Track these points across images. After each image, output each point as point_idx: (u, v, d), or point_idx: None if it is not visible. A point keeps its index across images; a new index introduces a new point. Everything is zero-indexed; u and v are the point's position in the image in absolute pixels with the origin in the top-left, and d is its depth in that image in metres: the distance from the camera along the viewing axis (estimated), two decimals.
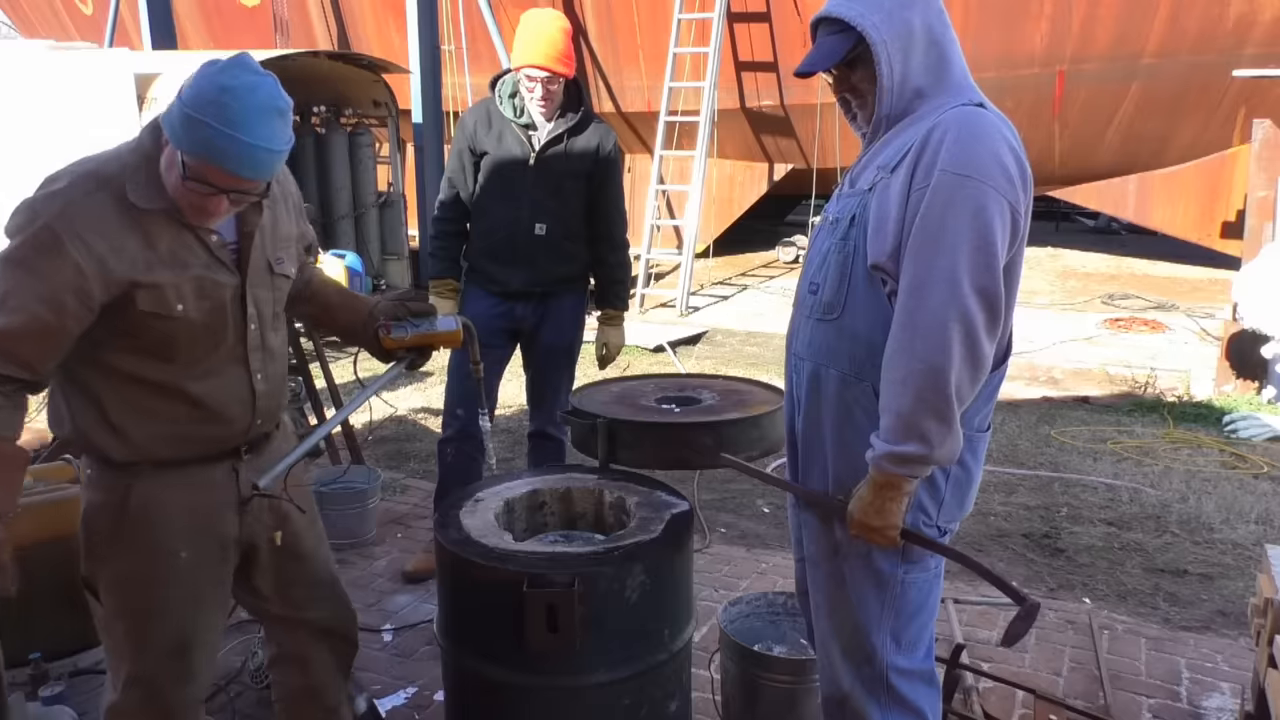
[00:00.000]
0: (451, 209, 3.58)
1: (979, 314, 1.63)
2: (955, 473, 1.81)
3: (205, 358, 1.87)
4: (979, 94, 1.78)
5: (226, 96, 1.64)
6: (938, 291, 1.63)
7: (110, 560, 1.89)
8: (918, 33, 1.75)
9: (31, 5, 14.94)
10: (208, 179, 1.69)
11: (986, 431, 1.88)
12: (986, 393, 1.80)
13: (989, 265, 1.63)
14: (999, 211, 1.64)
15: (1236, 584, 3.73)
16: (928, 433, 1.64)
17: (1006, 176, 1.65)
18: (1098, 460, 5.10)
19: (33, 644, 2.39)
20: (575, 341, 3.69)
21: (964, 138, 1.66)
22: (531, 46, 3.28)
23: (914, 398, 1.64)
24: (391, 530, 4.21)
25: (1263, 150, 6.62)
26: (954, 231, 1.63)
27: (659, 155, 9.79)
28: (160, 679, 1.92)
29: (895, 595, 1.85)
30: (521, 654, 2.03)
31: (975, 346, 1.64)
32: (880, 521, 1.73)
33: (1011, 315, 1.76)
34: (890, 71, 1.76)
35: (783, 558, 3.95)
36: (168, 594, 1.91)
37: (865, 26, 1.74)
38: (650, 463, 2.61)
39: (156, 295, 1.77)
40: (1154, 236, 10.96)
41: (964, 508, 1.88)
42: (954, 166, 1.65)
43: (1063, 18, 8.79)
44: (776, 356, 7.58)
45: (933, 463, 1.69)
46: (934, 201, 1.65)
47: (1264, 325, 5.85)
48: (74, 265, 1.68)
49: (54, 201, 1.71)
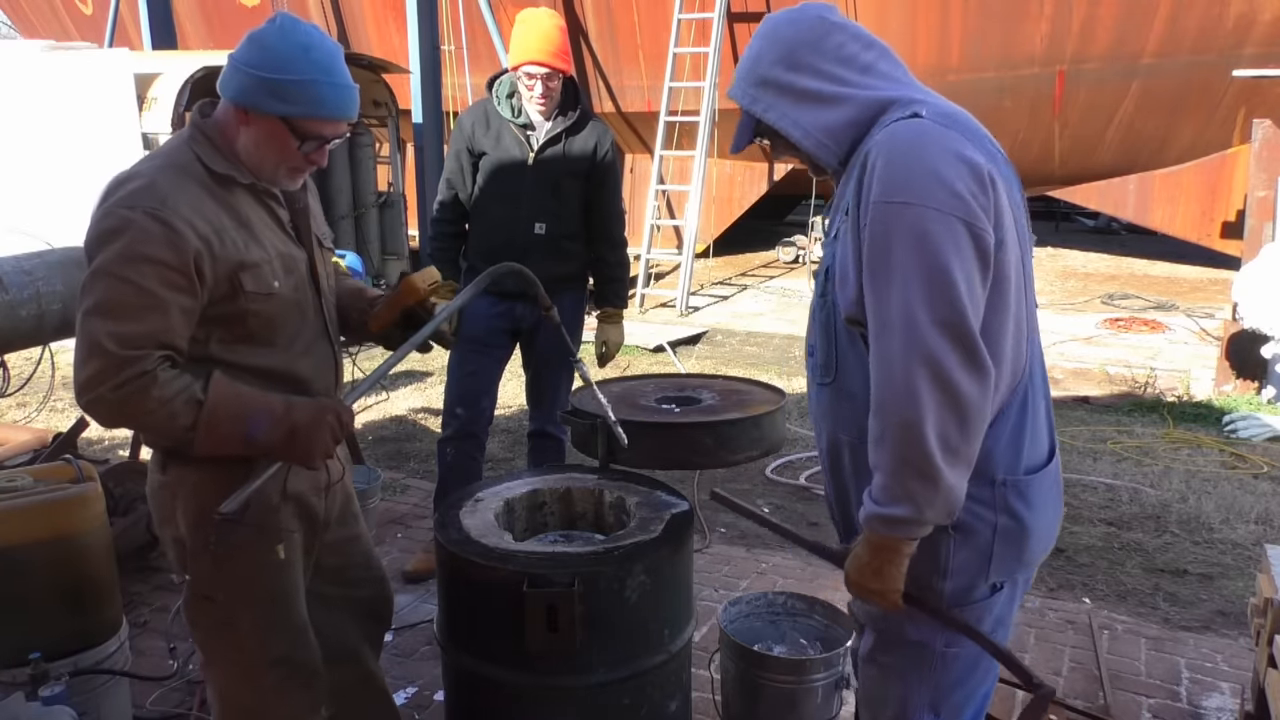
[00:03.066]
0: (450, 210, 3.58)
1: (948, 352, 1.44)
2: (1004, 524, 1.60)
3: (299, 336, 1.91)
4: (920, 94, 1.61)
5: (314, 53, 1.73)
6: (895, 336, 1.46)
7: (232, 557, 1.88)
8: (811, 88, 1.61)
9: (31, 5, 14.94)
10: (322, 133, 1.79)
11: (1041, 471, 1.64)
12: (1014, 429, 1.59)
13: (946, 296, 1.44)
14: (947, 232, 1.44)
15: (1236, 584, 3.73)
16: (914, 494, 1.47)
17: (949, 191, 1.45)
18: (1097, 460, 5.10)
19: (33, 644, 2.39)
20: (575, 341, 3.69)
21: (893, 160, 1.49)
22: (529, 44, 3.28)
23: (892, 457, 1.48)
24: (391, 530, 4.21)
25: (1263, 150, 6.61)
26: (901, 266, 1.46)
27: (659, 155, 9.79)
28: (297, 652, 1.98)
29: (934, 669, 1.68)
30: (521, 654, 2.03)
31: (951, 389, 1.44)
32: (878, 585, 1.58)
33: (1015, 330, 1.56)
34: (795, 133, 1.64)
35: (782, 558, 3.95)
36: (292, 575, 1.96)
37: (742, 102, 1.67)
38: (650, 463, 2.61)
39: (257, 274, 1.81)
40: (1154, 236, 10.96)
41: (1024, 561, 1.65)
42: (887, 194, 1.48)
43: (1063, 18, 8.79)
44: (776, 356, 7.58)
45: (925, 524, 1.51)
46: (874, 237, 1.49)
47: (1264, 325, 5.85)
48: (187, 244, 1.69)
49: (146, 194, 1.70)
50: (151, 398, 1.65)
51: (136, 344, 1.64)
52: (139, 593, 3.53)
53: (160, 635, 3.18)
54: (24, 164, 7.09)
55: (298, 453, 1.77)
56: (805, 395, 6.61)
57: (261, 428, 1.73)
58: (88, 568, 2.53)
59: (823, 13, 1.65)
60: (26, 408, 5.75)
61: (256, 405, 1.75)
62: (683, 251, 9.49)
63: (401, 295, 2.08)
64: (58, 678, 2.36)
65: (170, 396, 1.67)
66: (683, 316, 9.01)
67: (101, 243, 1.68)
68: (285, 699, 1.97)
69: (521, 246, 3.45)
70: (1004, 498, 1.59)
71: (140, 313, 1.65)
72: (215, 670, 1.99)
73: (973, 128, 1.57)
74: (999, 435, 1.58)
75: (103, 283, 1.66)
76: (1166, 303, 9.17)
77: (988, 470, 1.57)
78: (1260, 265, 5.95)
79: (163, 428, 1.71)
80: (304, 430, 1.76)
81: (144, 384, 1.64)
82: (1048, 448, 1.68)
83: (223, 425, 1.71)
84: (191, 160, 1.79)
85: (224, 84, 1.78)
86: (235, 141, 1.81)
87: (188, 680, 2.94)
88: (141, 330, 1.65)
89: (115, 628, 2.61)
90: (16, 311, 2.96)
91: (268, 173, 1.84)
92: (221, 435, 1.72)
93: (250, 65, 1.73)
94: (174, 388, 1.68)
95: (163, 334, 1.68)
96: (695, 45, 9.67)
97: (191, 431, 1.70)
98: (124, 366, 1.63)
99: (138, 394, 1.64)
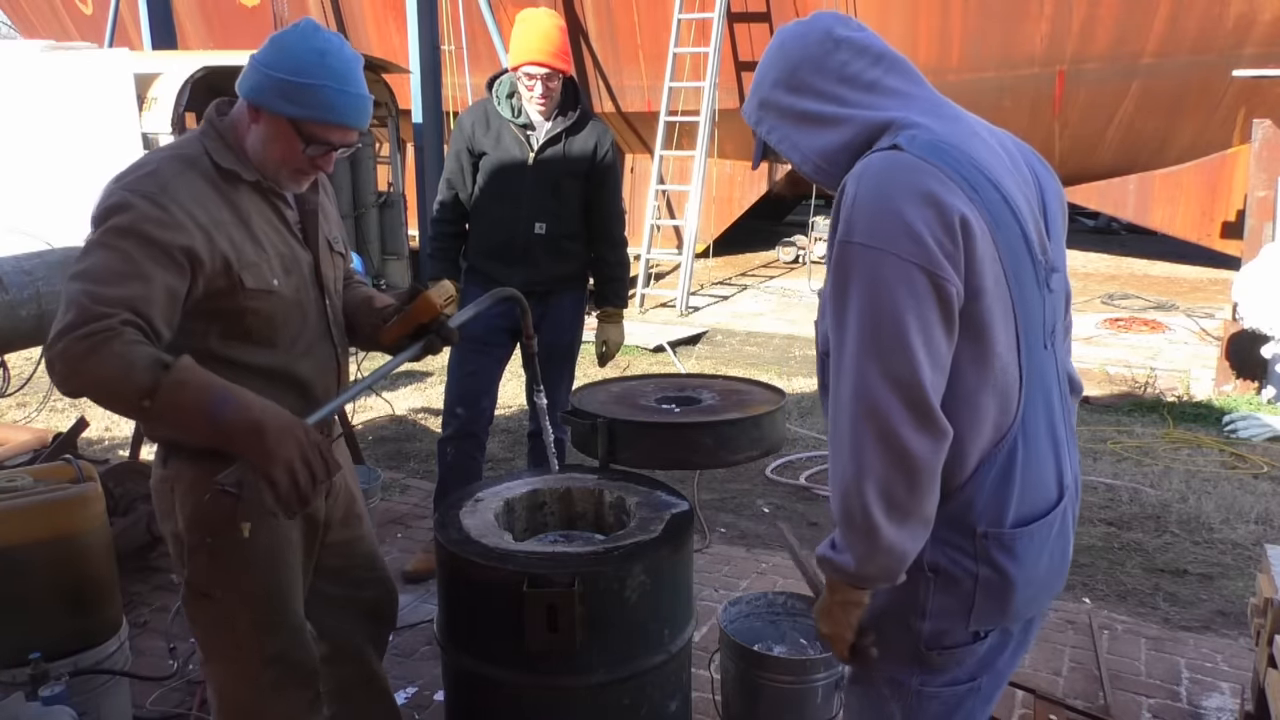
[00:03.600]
0: (450, 210, 3.59)
1: (897, 409, 1.35)
2: (985, 576, 1.50)
3: (300, 336, 1.91)
4: (921, 112, 1.53)
5: (330, 59, 1.75)
6: (846, 385, 1.40)
7: (230, 555, 1.88)
8: (812, 111, 1.55)
9: (31, 5, 14.94)
10: (328, 138, 1.80)
11: (1037, 521, 1.52)
12: (997, 480, 1.48)
13: (897, 351, 1.35)
14: (903, 283, 1.35)
15: (1236, 584, 3.73)
16: (853, 546, 1.42)
17: (911, 237, 1.35)
18: (1098, 460, 5.10)
19: (32, 644, 2.39)
20: (575, 340, 3.70)
21: (861, 197, 1.41)
22: (529, 44, 3.28)
23: (837, 507, 1.42)
24: (391, 530, 4.21)
25: (1263, 150, 6.62)
26: (855, 313, 1.38)
27: (659, 155, 9.79)
28: (293, 651, 1.98)
29: (911, 709, 1.61)
30: (521, 654, 2.03)
31: (898, 448, 1.36)
32: (828, 628, 1.55)
33: (1001, 383, 1.45)
34: (794, 157, 1.59)
35: (782, 558, 3.95)
36: (289, 576, 1.97)
37: (749, 121, 1.63)
38: (650, 463, 2.61)
39: (256, 271, 1.81)
40: (1154, 236, 10.96)
41: (1008, 613, 1.54)
42: (849, 234, 1.40)
43: (1063, 18, 8.79)
44: (776, 356, 7.58)
45: (859, 580, 1.45)
46: (836, 278, 1.42)
47: (1264, 325, 5.85)
48: (183, 230, 1.70)
49: (151, 179, 1.73)
50: (112, 352, 1.58)
51: (111, 303, 1.61)
52: (139, 593, 3.53)
53: (160, 635, 3.18)
54: (24, 164, 7.09)
55: (259, 451, 1.65)
56: (805, 395, 6.62)
57: (228, 406, 1.64)
58: (88, 568, 2.53)
59: (831, 26, 1.58)
60: (26, 408, 5.75)
61: (226, 387, 1.67)
62: (683, 251, 9.49)
63: (416, 312, 2.01)
64: (58, 678, 2.36)
65: (131, 355, 1.60)
66: (683, 316, 9.02)
67: (100, 219, 1.69)
68: (282, 697, 1.98)
69: (522, 246, 3.46)
70: (985, 550, 1.50)
71: (123, 280, 1.64)
72: (214, 668, 2.00)
73: (960, 156, 1.44)
74: (980, 486, 1.48)
75: (94, 252, 1.67)
76: (1166, 303, 9.17)
77: (967, 520, 1.49)
78: (1260, 265, 5.95)
79: (119, 387, 1.61)
80: (272, 431, 1.65)
81: (107, 337, 1.59)
82: (1055, 496, 1.55)
83: (187, 393, 1.62)
84: (199, 153, 1.81)
85: (240, 82, 1.81)
86: (245, 139, 1.83)
87: (188, 680, 2.95)
88: (120, 294, 1.63)
89: (115, 628, 2.61)
90: (16, 311, 2.96)
91: (271, 173, 1.85)
92: (183, 404, 1.62)
93: (266, 65, 1.76)
94: (138, 350, 1.62)
95: (141, 302, 1.64)
96: (695, 45, 9.67)
97: (150, 397, 1.60)
98: (93, 320, 1.59)
99: (100, 344, 1.58)
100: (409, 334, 2.03)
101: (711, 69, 9.44)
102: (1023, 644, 1.66)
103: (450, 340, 2.03)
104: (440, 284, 2.06)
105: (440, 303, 2.01)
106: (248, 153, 1.83)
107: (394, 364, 1.99)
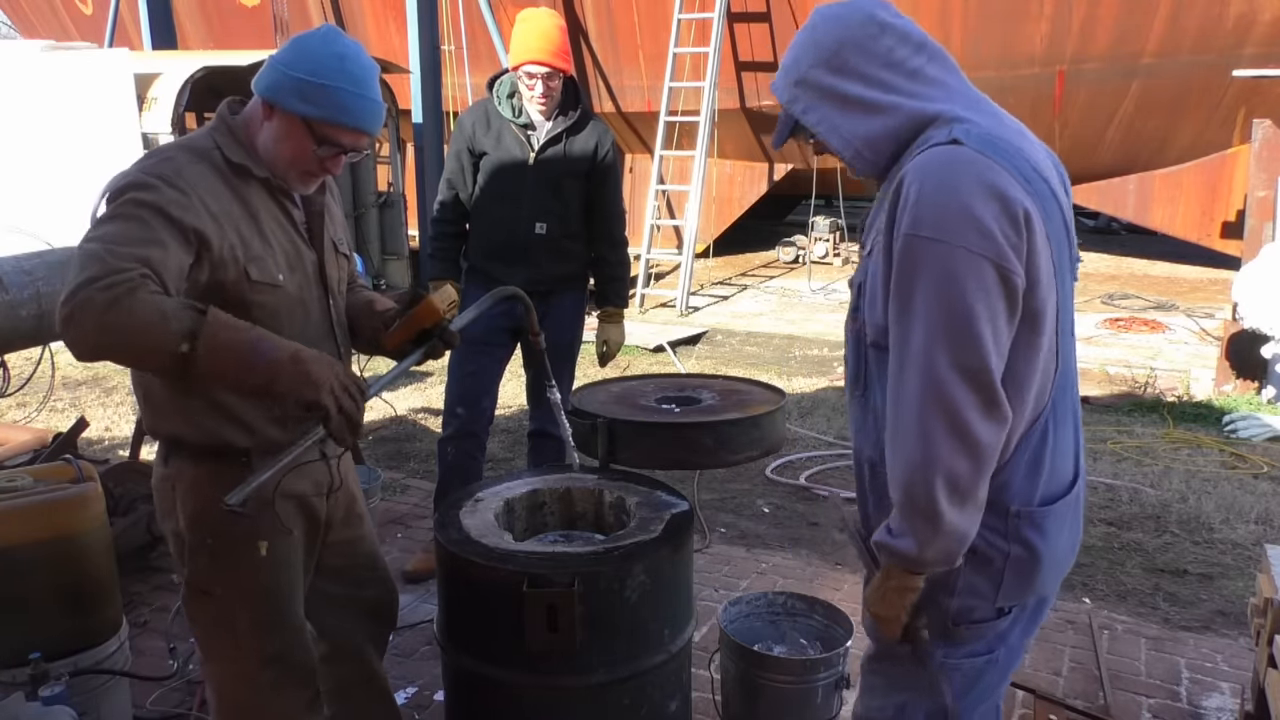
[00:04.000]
0: (451, 210, 3.59)
1: (966, 397, 1.41)
2: (1015, 553, 1.57)
3: (303, 334, 1.90)
4: (973, 104, 1.56)
5: (348, 63, 1.79)
6: (913, 377, 1.44)
7: (231, 553, 1.89)
8: (853, 94, 1.55)
9: (31, 5, 14.93)
10: (340, 140, 1.82)
11: (1059, 501, 1.60)
12: (1030, 461, 1.55)
13: (968, 341, 1.40)
14: (974, 275, 1.40)
15: (1236, 584, 3.73)
16: (916, 532, 1.47)
17: (980, 230, 1.40)
18: (1098, 460, 5.10)
19: (33, 644, 2.39)
20: (576, 340, 3.70)
21: (926, 192, 1.43)
22: (529, 43, 3.29)
23: (903, 494, 1.47)
24: (391, 530, 4.21)
25: (1263, 150, 6.62)
26: (923, 305, 1.42)
27: (659, 155, 9.79)
28: (291, 651, 1.99)
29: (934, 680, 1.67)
30: (521, 654, 2.03)
31: (966, 435, 1.42)
32: (882, 610, 1.59)
33: (1046, 366, 1.51)
34: (834, 141, 1.59)
35: (782, 558, 3.95)
36: (289, 575, 1.97)
37: (781, 99, 1.62)
38: (650, 463, 2.61)
39: (262, 265, 1.82)
40: (1154, 236, 10.95)
41: (1033, 588, 1.62)
42: (916, 228, 1.43)
43: (1063, 18, 8.79)
44: (776, 356, 7.59)
45: (924, 564, 1.51)
46: (900, 271, 1.45)
47: (1264, 325, 5.85)
48: (196, 213, 1.72)
49: (168, 164, 1.75)
50: (140, 299, 1.55)
51: (131, 260, 1.59)
52: (139, 593, 3.53)
53: (160, 635, 3.18)
54: (24, 164, 7.09)
55: (304, 378, 1.66)
56: (805, 395, 6.61)
57: (266, 341, 1.65)
58: (88, 568, 2.53)
59: (873, 10, 1.56)
60: (26, 408, 5.75)
61: (256, 327, 1.69)
62: (683, 251, 9.49)
63: (418, 317, 2.01)
64: (58, 678, 2.36)
65: (162, 301, 1.58)
66: (683, 316, 9.01)
67: (118, 194, 1.70)
68: (281, 696, 1.98)
69: (522, 246, 3.46)
70: (1017, 529, 1.56)
71: (141, 244, 1.64)
72: (213, 667, 2.00)
73: (1013, 150, 1.49)
74: (1016, 467, 1.54)
75: (112, 220, 1.66)
76: (1166, 303, 9.17)
77: (1002, 501, 1.54)
78: (1260, 265, 5.95)
79: (153, 333, 1.56)
80: (310, 358, 1.68)
81: (132, 286, 1.55)
82: (1072, 474, 1.63)
83: (225, 332, 1.61)
84: (211, 148, 1.83)
85: (257, 80, 1.83)
86: (257, 136, 1.85)
87: (188, 680, 2.95)
88: (140, 253, 1.62)
89: (115, 628, 2.61)
90: (16, 311, 2.96)
91: (281, 171, 1.87)
92: (225, 344, 1.60)
93: (285, 64, 1.79)
94: (166, 298, 1.60)
95: (158, 264, 1.63)
96: (695, 45, 9.67)
97: (190, 340, 1.57)
98: (116, 271, 1.56)
99: (126, 293, 1.54)
100: (411, 339, 2.04)
101: (711, 69, 9.44)
102: (1035, 620, 1.73)
103: (452, 344, 2.04)
104: (442, 289, 2.08)
105: (443, 307, 2.02)
106: (259, 150, 1.85)
107: (400, 369, 1.99)
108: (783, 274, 11.16)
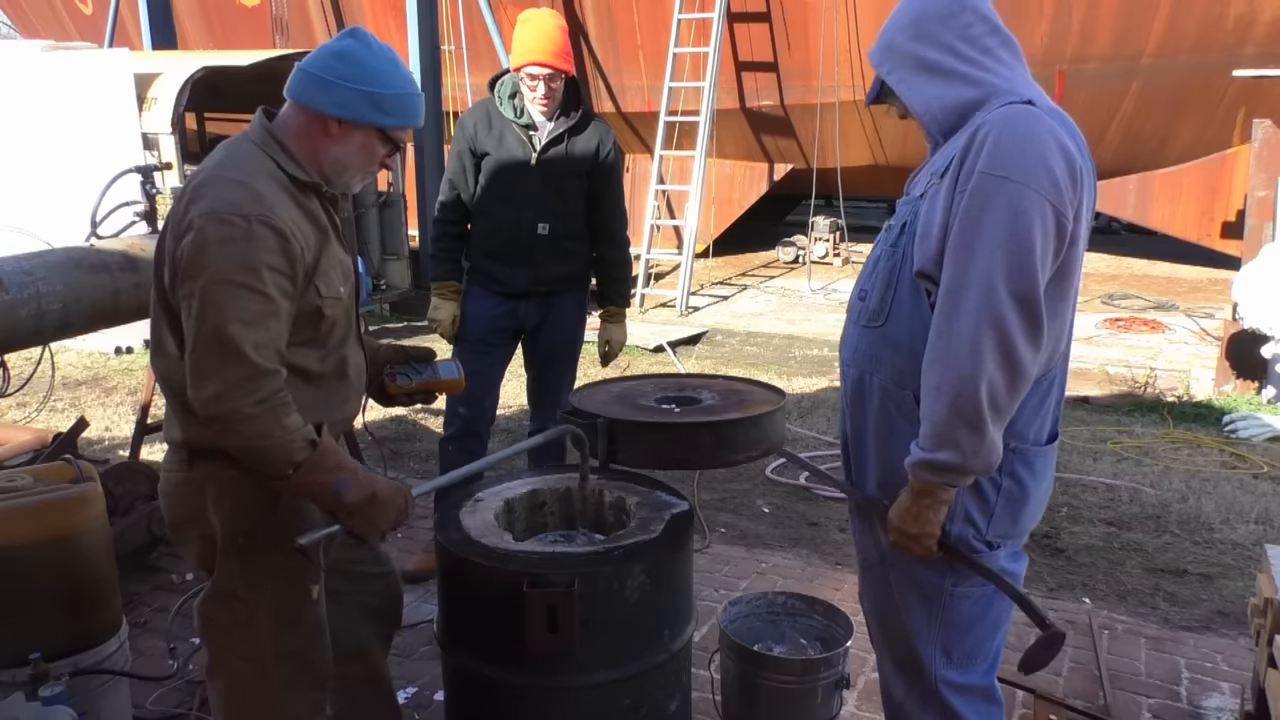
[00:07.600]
0: (452, 210, 3.58)
1: (1016, 321, 1.58)
2: (1007, 486, 1.76)
3: (345, 339, 1.96)
4: (1033, 89, 1.73)
5: (399, 66, 1.86)
6: (971, 297, 1.59)
7: (266, 555, 1.90)
8: (930, 59, 1.73)
9: (31, 5, 14.93)
10: (402, 139, 1.91)
11: (1047, 445, 1.81)
12: (1036, 403, 1.74)
13: (1026, 271, 1.57)
14: (1039, 214, 1.58)
15: (1236, 584, 3.73)
16: (961, 442, 1.61)
17: (1050, 178, 1.59)
18: (1098, 460, 5.10)
19: (32, 644, 2.39)
20: (577, 340, 3.69)
21: (1005, 137, 1.61)
22: (531, 44, 3.28)
23: (947, 406, 1.61)
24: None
25: (1263, 150, 6.62)
26: (990, 235, 1.58)
27: (659, 155, 9.79)
28: (311, 650, 2.00)
29: (944, 608, 1.82)
30: (521, 654, 2.03)
31: (1011, 354, 1.58)
32: (916, 529, 1.71)
33: (1067, 321, 1.72)
34: (914, 101, 1.77)
35: (782, 558, 3.95)
36: (314, 573, 1.98)
37: (873, 61, 1.81)
38: (650, 463, 2.61)
39: (328, 280, 1.85)
40: (1154, 236, 10.95)
41: (1019, 524, 1.81)
42: (992, 168, 1.60)
43: (1063, 18, 8.79)
44: (776, 356, 7.59)
45: (968, 472, 1.65)
46: (971, 204, 1.61)
47: (1264, 325, 5.85)
48: (294, 250, 1.75)
49: (255, 203, 1.73)
50: (283, 425, 1.68)
51: (271, 356, 1.68)
52: (139, 593, 3.53)
53: (160, 635, 3.18)
54: (24, 164, 7.08)
55: (367, 521, 1.81)
56: (805, 395, 6.60)
57: (349, 486, 1.77)
58: (88, 568, 2.53)
59: None
60: (26, 408, 5.75)
61: (349, 464, 1.79)
62: (683, 251, 9.49)
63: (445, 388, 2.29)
64: (58, 678, 2.36)
65: (297, 427, 1.70)
66: (683, 316, 9.01)
67: (221, 247, 1.68)
68: (291, 696, 1.98)
69: (525, 247, 3.46)
70: (1010, 463, 1.72)
71: (266, 319, 1.68)
72: (224, 668, 1.99)
73: (1073, 128, 1.67)
74: (1024, 406, 1.70)
75: (230, 291, 1.67)
76: (1166, 303, 9.17)
77: (1005, 435, 1.69)
78: (1260, 265, 5.95)
79: (274, 455, 1.71)
80: (381, 499, 1.80)
81: (283, 406, 1.68)
82: (1051, 430, 1.82)
83: (319, 474, 1.75)
84: (274, 167, 1.82)
85: (312, 97, 1.81)
86: (316, 150, 1.85)
87: (188, 680, 2.95)
88: (269, 338, 1.69)
89: (115, 628, 2.60)
90: (16, 311, 2.96)
91: (344, 180, 1.90)
92: (313, 484, 1.75)
93: (348, 80, 1.79)
94: (297, 420, 1.71)
95: (279, 341, 1.71)
96: (695, 45, 9.67)
97: (296, 468, 1.72)
98: (266, 379, 1.66)
99: (273, 415, 1.67)
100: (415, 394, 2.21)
101: (711, 69, 9.44)
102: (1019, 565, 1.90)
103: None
104: (460, 372, 2.30)
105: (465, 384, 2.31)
106: (320, 164, 1.86)
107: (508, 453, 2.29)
108: (783, 274, 11.15)
